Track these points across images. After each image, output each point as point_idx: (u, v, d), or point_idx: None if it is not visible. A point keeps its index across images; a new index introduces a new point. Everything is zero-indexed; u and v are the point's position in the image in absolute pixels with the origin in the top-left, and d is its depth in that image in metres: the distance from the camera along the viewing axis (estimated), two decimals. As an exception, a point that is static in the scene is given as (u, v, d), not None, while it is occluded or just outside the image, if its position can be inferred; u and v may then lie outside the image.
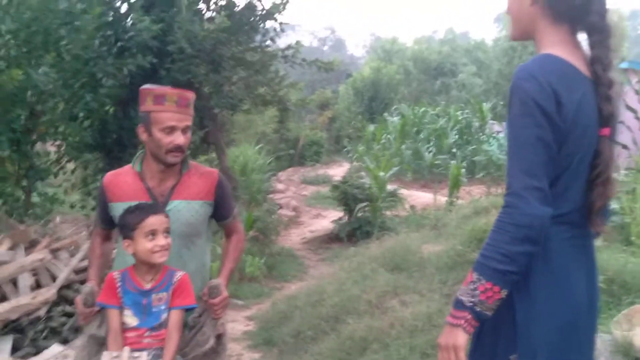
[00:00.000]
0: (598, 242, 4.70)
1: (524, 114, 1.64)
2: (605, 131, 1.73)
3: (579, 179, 1.73)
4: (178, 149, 2.47)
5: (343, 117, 26.67)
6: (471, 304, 1.68)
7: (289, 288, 7.10)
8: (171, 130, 2.45)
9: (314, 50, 52.13)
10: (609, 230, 1.75)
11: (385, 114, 22.32)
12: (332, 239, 9.96)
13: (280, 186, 15.03)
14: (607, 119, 1.73)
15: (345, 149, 20.78)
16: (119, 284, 2.35)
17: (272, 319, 5.63)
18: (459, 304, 1.71)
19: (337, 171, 16.65)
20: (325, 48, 62.82)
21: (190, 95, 2.56)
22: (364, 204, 9.75)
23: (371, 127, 20.86)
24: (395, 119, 20.53)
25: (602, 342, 2.98)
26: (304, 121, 24.99)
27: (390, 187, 10.76)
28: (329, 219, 11.10)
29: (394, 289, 4.87)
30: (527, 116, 1.64)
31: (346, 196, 9.90)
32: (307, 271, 8.12)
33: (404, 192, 11.63)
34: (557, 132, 1.63)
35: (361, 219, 9.70)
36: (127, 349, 2.23)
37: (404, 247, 5.85)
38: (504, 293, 1.66)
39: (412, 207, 10.50)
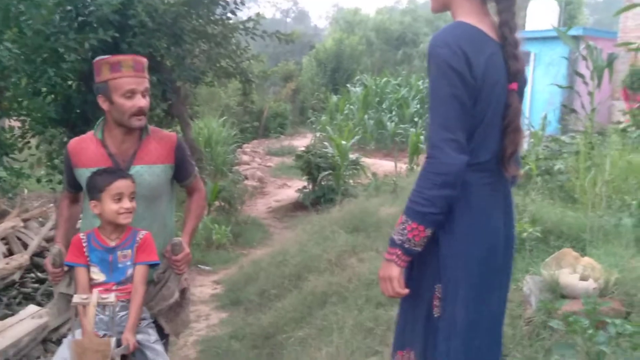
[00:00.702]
0: (539, 198, 5.06)
1: (439, 76, 1.89)
2: (514, 86, 1.98)
3: (494, 129, 1.98)
4: (141, 111, 2.61)
5: (307, 89, 26.67)
6: (401, 241, 1.95)
7: (254, 253, 7.33)
8: (132, 94, 2.59)
9: (277, 22, 51.69)
10: (522, 175, 2.00)
11: (348, 85, 22.49)
12: (297, 207, 10.19)
13: (245, 158, 15.15)
14: (515, 75, 1.98)
15: (310, 120, 20.90)
16: (85, 244, 2.52)
17: (238, 281, 5.86)
18: (392, 242, 1.99)
19: (302, 142, 16.82)
20: (289, 20, 62.36)
21: (144, 60, 2.70)
22: (327, 172, 9.97)
23: (334, 98, 21.02)
24: (358, 89, 20.72)
25: (533, 282, 3.27)
26: (268, 93, 24.97)
27: (352, 156, 11.00)
28: (294, 188, 11.33)
29: (353, 248, 5.14)
30: (442, 78, 1.88)
31: (310, 165, 10.11)
32: (272, 237, 8.35)
33: (366, 160, 11.90)
34: (470, 89, 1.88)
35: (325, 187, 9.94)
36: (96, 291, 2.37)
37: (363, 210, 6.12)
38: (428, 232, 1.92)
39: (374, 174, 10.78)
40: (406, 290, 2.02)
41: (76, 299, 2.35)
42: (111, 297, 2.35)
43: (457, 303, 1.98)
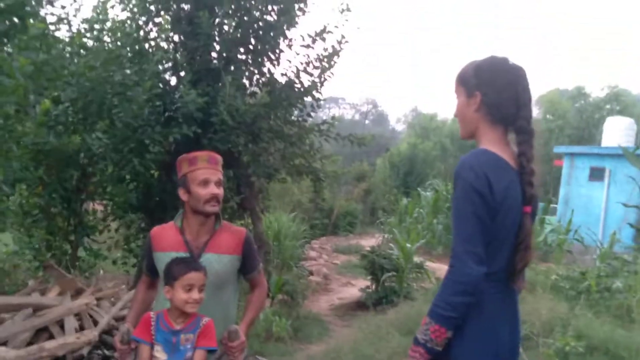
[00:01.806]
0: (590, 314, 5.03)
1: (464, 196, 2.16)
2: (528, 209, 2.23)
3: (506, 245, 2.21)
4: (214, 197, 2.92)
5: (378, 190, 26.99)
6: (424, 341, 2.15)
7: (312, 349, 7.36)
8: (206, 183, 2.92)
9: (355, 123, 52.85)
10: (530, 283, 2.23)
11: (419, 189, 22.66)
12: (359, 306, 10.18)
13: (312, 253, 15.32)
14: (529, 200, 2.23)
15: (379, 221, 21.06)
16: (153, 323, 2.71)
17: (292, 375, 5.93)
18: (415, 341, 2.19)
19: (370, 242, 16.91)
20: (367, 122, 63.57)
21: (218, 156, 3.04)
22: (391, 273, 10.03)
23: (405, 201, 21.19)
24: (429, 194, 20.85)
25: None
26: (340, 192, 25.36)
27: (417, 259, 11.03)
28: (357, 287, 11.32)
29: (404, 350, 5.15)
30: (466, 198, 2.15)
31: (374, 265, 10.20)
32: (331, 335, 8.35)
33: (431, 265, 11.88)
34: (489, 209, 2.13)
35: (387, 288, 9.94)
36: None
37: (420, 313, 6.14)
38: (449, 333, 2.13)
39: (438, 279, 10.74)
40: None
41: None
42: None
43: None
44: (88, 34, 6.92)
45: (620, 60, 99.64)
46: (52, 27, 6.36)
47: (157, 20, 7.74)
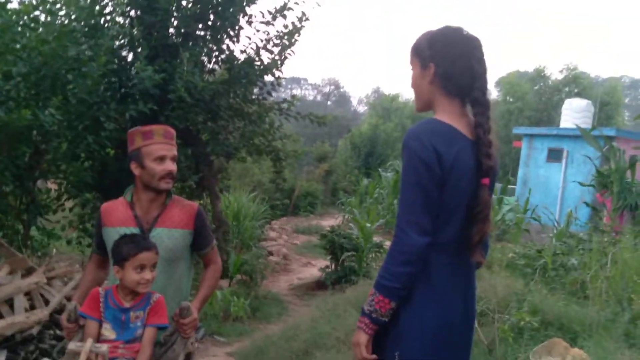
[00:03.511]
0: (545, 290, 5.13)
1: (409, 165, 2.13)
2: (485, 180, 2.19)
3: (456, 216, 2.17)
4: (169, 174, 2.87)
5: (339, 171, 27.09)
6: (369, 311, 2.16)
7: (270, 328, 7.37)
8: (162, 159, 2.86)
9: (317, 104, 52.83)
10: (487, 260, 2.18)
11: (380, 169, 22.78)
12: (318, 286, 10.23)
13: (272, 234, 15.32)
14: (487, 171, 2.19)
15: (339, 202, 21.14)
16: (102, 300, 2.64)
17: (249, 354, 5.93)
18: (362, 312, 2.19)
19: (330, 222, 16.95)
20: (329, 103, 63.57)
21: (173, 130, 2.98)
22: (350, 253, 10.07)
23: (365, 182, 21.31)
24: (390, 174, 20.97)
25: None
26: (301, 172, 25.38)
27: (377, 239, 11.10)
28: (317, 267, 11.37)
29: (362, 326, 5.19)
30: (411, 167, 2.12)
31: (333, 245, 10.22)
32: (290, 314, 8.39)
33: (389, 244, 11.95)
34: (437, 178, 2.10)
35: (347, 268, 9.99)
36: (90, 340, 2.49)
37: (377, 291, 6.19)
38: (393, 304, 2.13)
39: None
40: (373, 357, 2.20)
41: (71, 346, 2.48)
42: (103, 347, 2.47)
43: None
44: (40, 7, 6.70)
45: (579, 43, 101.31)
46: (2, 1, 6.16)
47: (113, -6, 7.54)
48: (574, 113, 19.81)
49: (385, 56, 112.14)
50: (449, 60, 2.24)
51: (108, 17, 7.28)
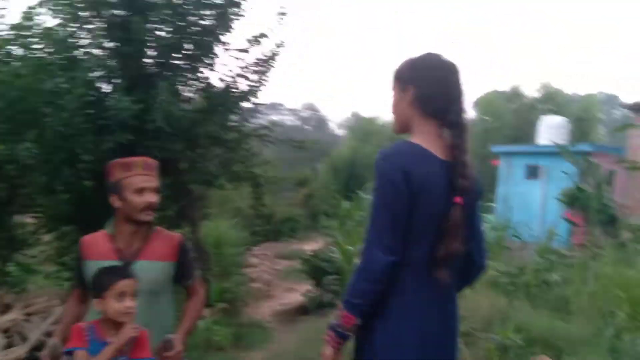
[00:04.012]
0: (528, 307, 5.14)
1: (378, 186, 2.21)
2: (458, 199, 2.22)
3: (427, 235, 2.22)
4: (150, 206, 2.86)
5: (320, 194, 27.07)
6: (335, 326, 2.26)
7: (254, 356, 7.31)
8: (141, 191, 2.86)
9: (296, 129, 52.79)
10: (448, 280, 2.23)
11: (361, 192, 22.77)
12: (302, 311, 10.17)
13: (254, 260, 15.23)
14: (461, 191, 2.23)
15: (320, 225, 21.07)
16: (86, 333, 2.61)
17: (234, 384, 5.86)
18: (329, 326, 2.30)
19: (312, 246, 16.90)
20: (308, 127, 63.62)
21: (154, 161, 2.97)
22: (332, 276, 10.02)
23: (346, 205, 21.26)
24: (370, 197, 20.93)
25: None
26: (281, 198, 25.29)
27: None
28: (300, 292, 11.32)
29: (346, 352, 5.16)
30: (380, 188, 2.20)
31: (315, 269, 10.20)
32: (274, 341, 8.31)
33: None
34: (404, 198, 2.16)
35: (330, 292, 9.96)
36: None
37: (361, 316, 6.16)
38: (357, 320, 2.22)
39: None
40: None
41: None
42: None
43: None
44: (16, 42, 6.67)
45: (553, 61, 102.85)
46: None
47: (88, 26, 7.53)
48: (551, 130, 20.00)
49: (362, 79, 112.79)
50: (426, 83, 2.34)
51: (84, 50, 7.26)
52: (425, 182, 2.19)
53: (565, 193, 11.73)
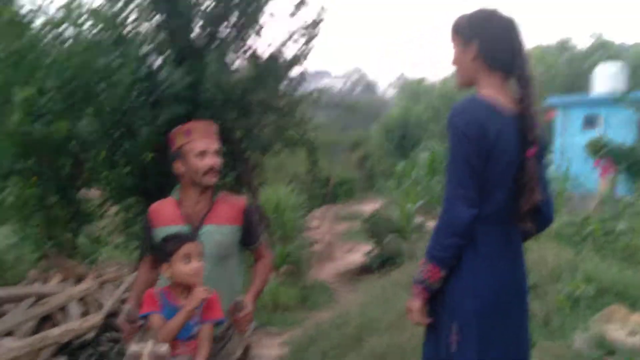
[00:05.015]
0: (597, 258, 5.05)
1: (455, 141, 2.22)
2: (531, 152, 2.24)
3: (501, 188, 2.24)
4: (213, 168, 2.89)
5: (374, 156, 27.00)
6: (421, 279, 2.28)
7: (319, 316, 7.40)
8: (203, 154, 2.88)
9: (345, 92, 52.51)
10: (539, 232, 2.26)
11: (415, 151, 22.64)
12: (363, 270, 10.25)
13: (314, 223, 15.36)
14: (532, 143, 2.24)
15: (377, 186, 21.07)
16: (158, 298, 2.66)
17: (301, 343, 5.97)
18: (415, 280, 2.31)
19: (370, 207, 16.91)
20: (356, 91, 63.21)
21: (213, 124, 3.00)
22: (393, 235, 10.04)
23: (401, 164, 21.20)
24: (425, 155, 20.81)
25: (583, 339, 3.29)
26: (337, 161, 25.31)
27: (418, 219, 11.06)
28: (361, 252, 11.38)
29: (412, 308, 5.18)
30: (457, 143, 2.21)
31: (376, 229, 10.23)
32: (338, 300, 8.41)
33: (432, 224, 11.89)
34: (482, 152, 2.18)
35: (391, 251, 9.99)
36: (151, 341, 2.49)
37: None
38: (443, 273, 2.24)
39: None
40: (427, 320, 2.36)
41: (133, 348, 2.48)
42: (164, 348, 2.45)
43: (468, 341, 2.22)
44: (66, 22, 6.80)
45: (603, 12, 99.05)
46: (26, 19, 6.27)
47: (136, 2, 7.61)
48: (607, 78, 19.35)
49: (408, 41, 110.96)
50: (490, 37, 2.34)
51: (133, 25, 7.35)
52: (499, 136, 2.21)
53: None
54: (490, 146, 2.19)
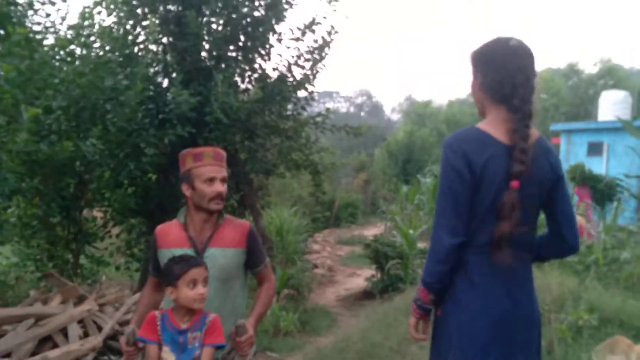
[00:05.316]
0: (600, 287, 5.02)
1: (443, 172, 2.31)
2: (514, 184, 2.25)
3: (489, 219, 2.28)
4: (219, 196, 2.92)
5: (378, 180, 27.06)
6: (416, 300, 2.43)
7: (320, 341, 7.35)
8: (211, 181, 2.91)
9: (351, 116, 52.79)
10: (512, 261, 2.26)
11: (419, 176, 22.67)
12: (365, 296, 10.20)
13: (316, 247, 15.31)
14: (517, 175, 2.25)
15: (380, 210, 21.07)
16: (159, 322, 2.67)
17: (303, 368, 5.94)
18: (413, 299, 2.47)
19: (372, 231, 16.92)
20: (363, 114, 63.49)
21: (223, 152, 3.02)
22: (395, 261, 10.01)
23: (405, 188, 21.21)
24: (428, 180, 20.84)
25: (586, 369, 3.27)
26: (340, 184, 25.37)
27: (421, 245, 11.03)
28: (363, 277, 11.35)
29: (414, 335, 5.16)
30: (444, 174, 2.30)
31: (378, 254, 10.19)
32: (339, 326, 8.36)
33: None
34: (468, 184, 2.25)
35: (393, 276, 9.93)
36: None
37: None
38: (432, 295, 2.38)
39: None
40: (422, 336, 2.53)
41: None
42: None
43: None
44: (75, 41, 6.87)
45: (611, 35, 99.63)
46: (38, 37, 6.33)
47: (144, 23, 7.69)
48: (612, 105, 19.48)
49: (415, 63, 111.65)
50: (491, 70, 2.40)
51: (141, 46, 7.43)
52: (486, 167, 2.25)
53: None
54: (478, 176, 2.24)
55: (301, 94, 8.55)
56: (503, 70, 2.35)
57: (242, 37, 7.98)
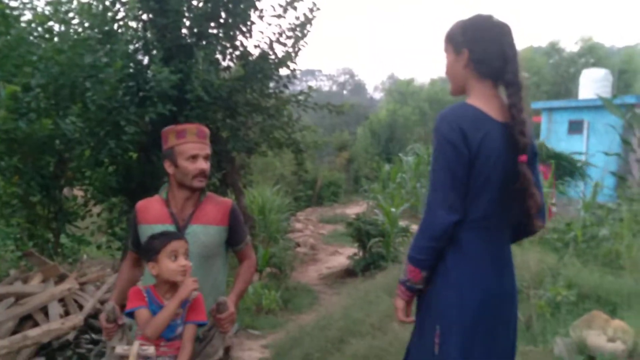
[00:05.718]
0: (579, 263, 5.09)
1: (438, 147, 2.26)
2: (523, 158, 2.27)
3: (488, 193, 2.27)
4: (202, 173, 2.90)
5: (360, 158, 27.09)
6: (404, 280, 2.35)
7: (302, 318, 7.40)
8: (194, 158, 2.89)
9: (334, 94, 52.59)
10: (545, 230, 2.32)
11: (401, 154, 22.71)
12: (347, 274, 10.27)
13: (298, 225, 15.36)
14: (523, 149, 2.26)
15: (362, 189, 21.13)
16: (145, 294, 2.63)
17: (284, 345, 5.97)
18: (399, 280, 2.39)
19: (355, 210, 16.96)
20: (345, 92, 63.34)
21: (206, 129, 3.00)
22: (377, 239, 10.07)
23: (387, 167, 21.26)
24: (410, 158, 20.90)
25: (563, 344, 3.32)
26: (322, 163, 25.40)
27: (402, 223, 11.09)
28: (345, 255, 11.42)
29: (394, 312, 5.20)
30: (440, 149, 2.26)
31: (360, 232, 10.24)
32: (321, 303, 8.41)
33: (416, 227, 11.93)
34: (464, 159, 2.22)
35: (375, 254, 10.01)
36: (137, 342, 2.51)
37: (407, 275, 6.18)
38: (424, 273, 2.31)
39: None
40: (409, 319, 2.45)
41: (118, 349, 2.51)
42: (150, 349, 2.49)
43: (451, 345, 2.25)
44: (54, 18, 6.76)
45: (592, 14, 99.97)
46: (15, 13, 6.22)
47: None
48: (593, 83, 19.59)
49: (398, 41, 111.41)
50: (481, 45, 2.37)
51: (121, 23, 7.32)
52: (483, 143, 2.22)
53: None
54: (474, 152, 2.22)
55: (283, 71, 8.51)
56: (495, 44, 2.35)
57: (223, 14, 7.89)
